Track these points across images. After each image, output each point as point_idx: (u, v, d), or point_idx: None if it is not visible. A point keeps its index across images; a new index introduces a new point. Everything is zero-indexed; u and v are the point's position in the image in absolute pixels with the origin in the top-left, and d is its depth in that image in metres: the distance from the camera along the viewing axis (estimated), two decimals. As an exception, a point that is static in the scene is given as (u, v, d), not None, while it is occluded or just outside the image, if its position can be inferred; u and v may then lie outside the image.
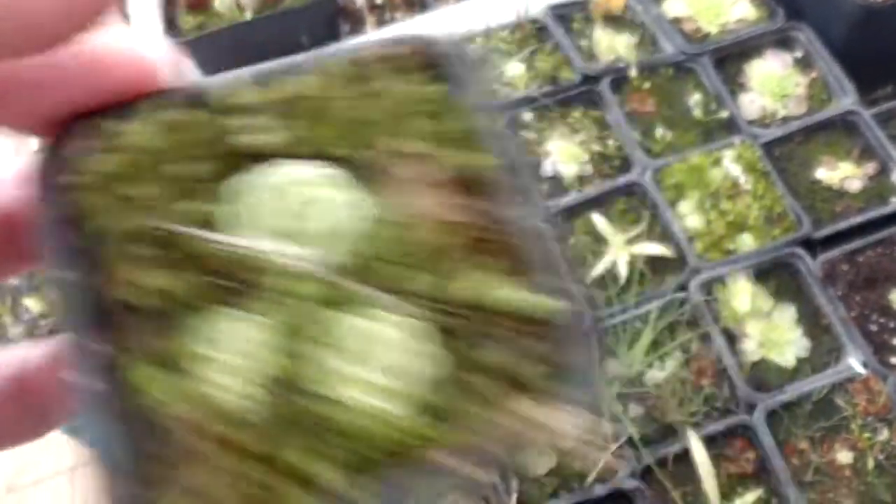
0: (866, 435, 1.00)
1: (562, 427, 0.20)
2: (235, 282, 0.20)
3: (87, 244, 0.20)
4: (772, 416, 1.02)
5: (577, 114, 1.30)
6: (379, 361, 0.19)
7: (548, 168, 1.25)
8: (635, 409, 1.06)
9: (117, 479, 0.19)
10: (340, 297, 0.20)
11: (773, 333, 1.08)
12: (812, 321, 1.10)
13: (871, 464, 0.99)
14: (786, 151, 1.22)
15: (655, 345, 1.08)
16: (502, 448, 0.19)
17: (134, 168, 0.20)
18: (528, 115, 1.29)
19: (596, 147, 1.26)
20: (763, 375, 1.07)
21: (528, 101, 1.29)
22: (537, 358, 0.21)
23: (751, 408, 1.03)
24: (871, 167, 1.18)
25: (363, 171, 0.21)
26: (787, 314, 1.10)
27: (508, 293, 0.21)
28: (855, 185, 1.17)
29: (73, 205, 0.20)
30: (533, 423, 0.20)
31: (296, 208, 0.20)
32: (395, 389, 0.19)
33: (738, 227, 1.15)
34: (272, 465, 0.18)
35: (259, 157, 0.21)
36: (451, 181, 0.21)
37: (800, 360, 1.08)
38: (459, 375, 0.20)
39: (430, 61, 0.22)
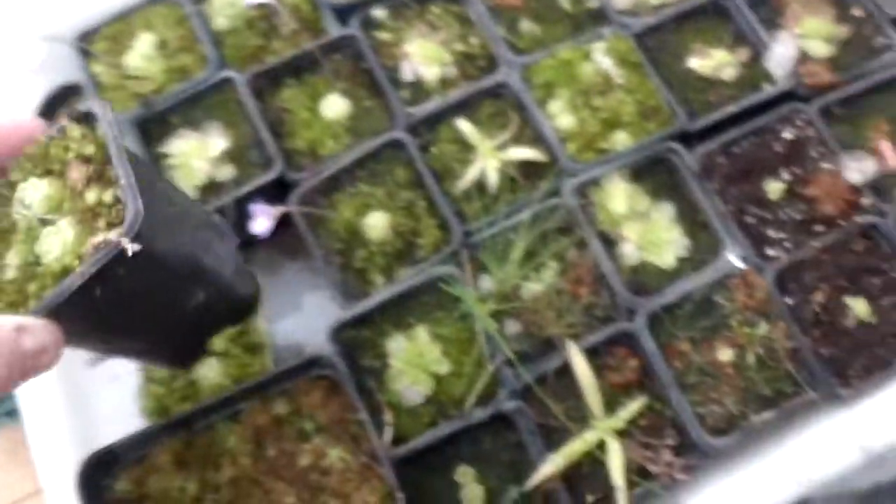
0: (746, 330, 0.97)
1: None
2: None
3: None
4: (653, 321, 0.97)
5: (436, 9, 1.18)
6: None
7: (407, 72, 1.14)
8: (512, 326, 1.00)
9: None
10: None
11: (651, 234, 1.03)
12: (691, 218, 1.05)
13: (751, 359, 0.96)
14: (658, 41, 1.15)
15: (530, 256, 1.01)
16: None
17: None
18: (380, 13, 1.16)
19: (459, 46, 1.15)
20: (643, 279, 1.02)
21: (379, -2, 1.16)
22: None
23: (631, 314, 0.98)
24: (743, 53, 1.12)
25: None
26: (665, 213, 1.05)
27: None
28: (728, 73, 1.12)
29: None
30: None
31: None
32: None
33: (611, 124, 1.08)
34: None
35: None
36: None
37: (680, 261, 1.03)
38: None
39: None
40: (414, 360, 0.97)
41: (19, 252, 0.67)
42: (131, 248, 0.62)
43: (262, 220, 0.91)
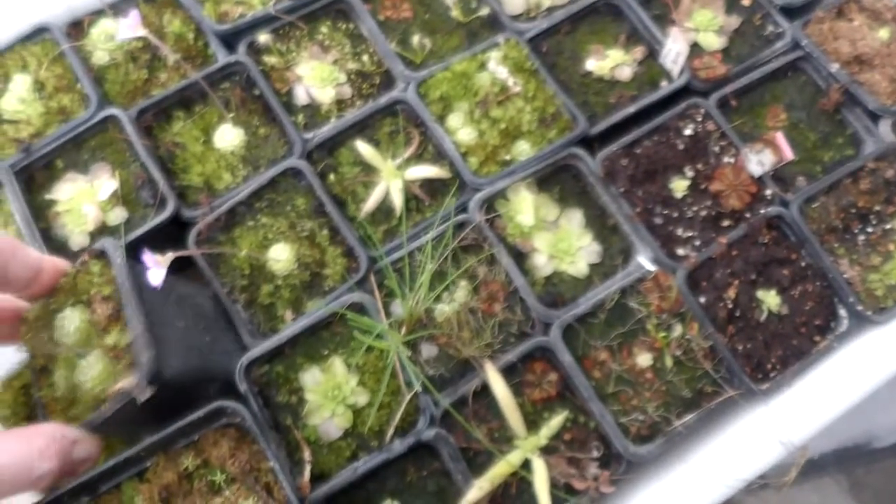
0: (662, 334, 0.96)
1: None
2: None
3: None
4: (568, 332, 0.96)
5: (325, 28, 1.14)
6: None
7: (301, 96, 1.10)
8: (428, 350, 0.97)
9: None
10: None
11: (562, 243, 1.01)
12: (600, 223, 1.04)
13: (669, 362, 0.96)
14: (553, 45, 1.13)
15: (440, 277, 0.98)
16: None
17: None
18: (266, 37, 1.12)
19: (352, 65, 1.12)
20: (558, 290, 1.00)
21: (265, 21, 1.12)
22: None
23: (547, 327, 0.97)
24: (639, 51, 1.12)
25: None
26: (574, 220, 1.03)
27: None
28: (626, 73, 1.11)
29: None
30: None
31: None
32: None
33: (512, 134, 1.06)
34: None
35: None
36: None
37: (592, 267, 1.02)
38: None
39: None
40: (331, 393, 0.94)
41: (62, 377, 0.84)
42: (143, 395, 0.79)
43: (154, 272, 0.86)
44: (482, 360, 0.94)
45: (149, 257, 0.87)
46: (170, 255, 0.89)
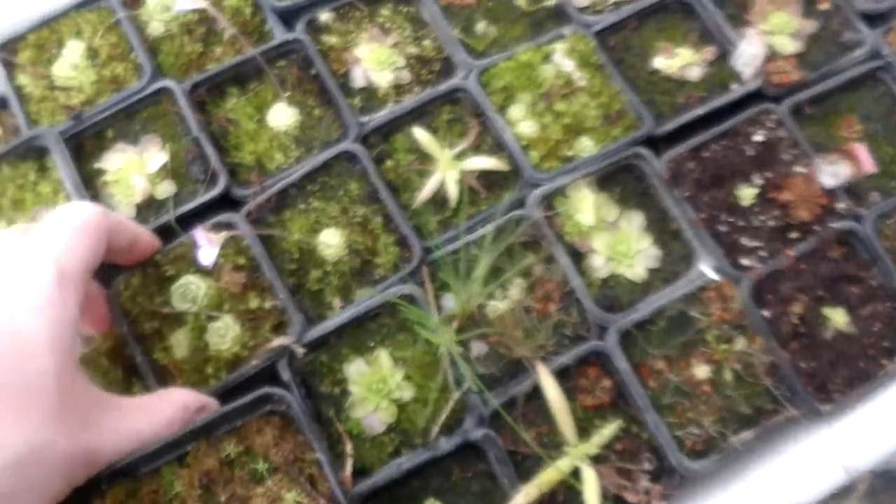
0: (722, 346, 0.93)
1: None
2: None
3: None
4: (625, 338, 0.92)
5: (386, 11, 1.11)
6: None
7: (358, 78, 1.07)
8: (478, 348, 0.94)
9: None
10: None
11: (621, 245, 0.97)
12: (661, 227, 1.00)
13: (728, 376, 0.92)
14: (621, 40, 1.10)
15: (495, 273, 0.95)
16: None
17: None
18: (326, 16, 1.09)
19: (412, 49, 1.09)
20: (614, 293, 0.97)
21: (326, 0, 1.09)
22: None
23: (603, 331, 0.93)
24: (709, 52, 1.08)
25: None
26: (634, 223, 1.00)
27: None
28: (695, 73, 1.07)
29: None
30: None
31: None
32: None
33: (575, 130, 1.02)
34: None
35: None
36: None
37: (651, 272, 0.98)
38: None
39: None
40: (375, 386, 0.91)
41: (188, 337, 0.90)
42: (301, 351, 0.90)
43: (207, 251, 0.84)
44: (534, 361, 0.91)
45: (201, 235, 0.85)
46: (224, 234, 0.87)
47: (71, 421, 0.70)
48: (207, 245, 0.85)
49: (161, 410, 0.79)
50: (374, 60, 1.06)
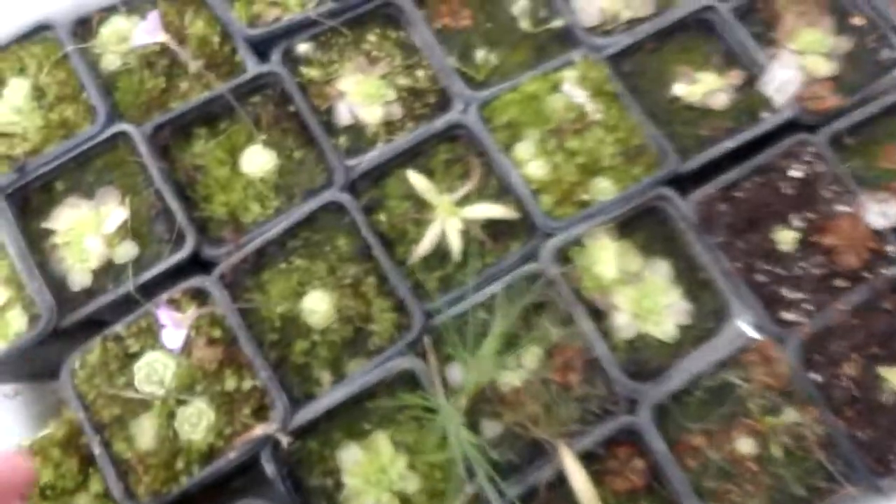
0: (767, 416, 0.81)
1: None
2: None
3: None
4: (659, 412, 0.81)
5: (372, 37, 0.99)
6: None
7: (343, 115, 0.94)
8: (492, 428, 0.82)
9: None
10: None
11: (647, 300, 0.86)
12: (690, 277, 0.89)
13: (777, 451, 0.81)
14: (636, 64, 0.98)
15: (507, 339, 0.83)
16: None
17: None
18: (305, 46, 0.96)
19: (403, 80, 0.96)
20: (642, 356, 0.85)
21: (303, 26, 0.96)
22: None
23: (633, 404, 0.82)
24: (735, 76, 0.96)
25: None
26: (660, 273, 0.89)
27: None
28: (720, 101, 0.95)
29: None
30: None
31: None
32: None
33: (591, 170, 0.91)
34: None
35: None
36: None
37: (682, 329, 0.87)
38: None
39: None
40: (374, 477, 0.79)
41: (154, 425, 0.78)
42: (286, 440, 0.76)
43: (172, 333, 0.71)
44: (556, 442, 0.79)
45: (166, 314, 0.72)
46: (192, 313, 0.74)
47: None
48: (173, 327, 0.72)
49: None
50: (361, 94, 0.94)
